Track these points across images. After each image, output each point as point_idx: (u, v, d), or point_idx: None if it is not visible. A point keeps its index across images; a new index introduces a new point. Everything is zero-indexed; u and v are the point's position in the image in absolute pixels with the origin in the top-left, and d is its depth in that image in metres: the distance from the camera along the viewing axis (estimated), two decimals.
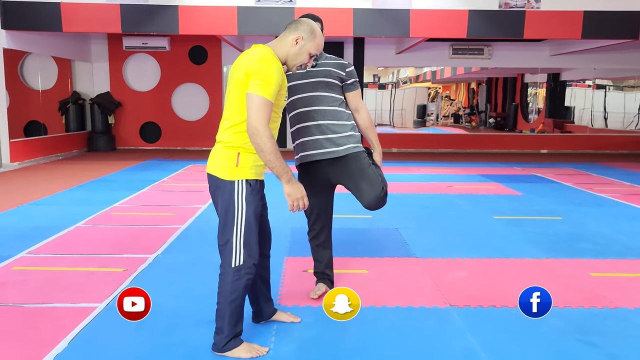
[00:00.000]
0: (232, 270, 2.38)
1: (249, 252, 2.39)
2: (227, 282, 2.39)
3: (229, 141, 2.36)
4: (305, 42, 2.41)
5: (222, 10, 8.63)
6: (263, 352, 2.47)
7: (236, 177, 2.36)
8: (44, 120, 11.37)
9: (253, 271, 2.42)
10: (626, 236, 4.72)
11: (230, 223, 2.37)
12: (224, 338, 2.42)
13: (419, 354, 2.52)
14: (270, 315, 2.81)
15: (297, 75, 2.90)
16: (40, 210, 5.55)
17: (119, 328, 2.76)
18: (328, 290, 3.13)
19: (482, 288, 3.40)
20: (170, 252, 4.11)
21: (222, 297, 2.40)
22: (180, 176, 8.02)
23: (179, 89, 12.29)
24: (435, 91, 25.30)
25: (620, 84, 19.11)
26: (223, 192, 2.38)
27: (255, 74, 2.26)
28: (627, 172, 9.00)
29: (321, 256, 3.17)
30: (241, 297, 2.41)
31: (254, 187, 2.40)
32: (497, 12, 8.74)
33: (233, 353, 2.43)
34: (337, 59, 3.02)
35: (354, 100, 3.05)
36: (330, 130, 2.89)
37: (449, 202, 6.18)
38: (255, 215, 2.40)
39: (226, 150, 2.37)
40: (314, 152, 2.91)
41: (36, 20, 8.63)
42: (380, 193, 2.89)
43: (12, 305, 3.05)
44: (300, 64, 2.46)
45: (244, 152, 2.36)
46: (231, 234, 2.37)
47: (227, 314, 2.40)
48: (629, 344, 2.64)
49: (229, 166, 2.36)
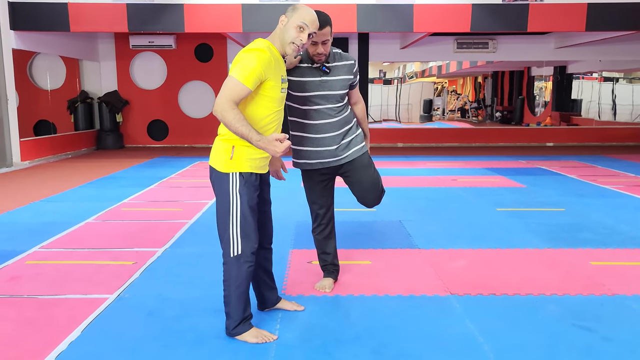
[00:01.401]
0: (233, 259, 2.50)
1: (247, 242, 2.50)
2: (229, 270, 2.52)
3: (225, 134, 2.47)
4: (288, 18, 2.49)
5: (227, 8, 8.72)
6: (271, 338, 2.57)
7: (230, 170, 2.46)
8: (53, 119, 11.54)
9: (252, 259, 2.53)
10: (628, 226, 4.77)
11: (227, 214, 2.49)
12: (233, 322, 2.55)
13: (419, 340, 2.60)
14: (274, 303, 2.92)
15: (313, 86, 2.87)
16: (51, 207, 5.68)
17: (130, 317, 2.86)
18: (333, 286, 3.25)
19: (483, 277, 3.47)
20: (179, 245, 4.22)
21: (227, 284, 2.54)
22: (187, 172, 8.14)
23: (186, 86, 12.41)
24: (441, 86, 25.29)
25: (629, 76, 19.01)
26: (219, 184, 2.50)
27: (236, 62, 2.40)
28: (632, 164, 9.01)
29: (329, 247, 3.24)
30: (245, 284, 2.53)
31: (248, 179, 2.49)
32: (501, 5, 8.76)
33: (242, 337, 2.56)
34: (344, 58, 2.98)
35: (355, 95, 3.13)
36: (343, 137, 2.98)
37: (453, 195, 6.24)
38: (250, 206, 2.50)
39: (222, 143, 2.48)
40: (328, 160, 2.98)
41: (44, 20, 8.76)
42: (379, 190, 3.05)
43: (27, 296, 3.16)
44: (291, 40, 2.47)
45: (239, 146, 2.46)
46: (227, 225, 2.49)
47: (234, 299, 2.52)
48: (625, 328, 2.71)
49: (224, 158, 2.47)
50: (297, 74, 2.87)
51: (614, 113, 17.86)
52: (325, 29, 2.72)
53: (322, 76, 2.87)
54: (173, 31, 9.01)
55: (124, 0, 8.65)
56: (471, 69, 18.31)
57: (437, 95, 23.91)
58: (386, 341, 2.58)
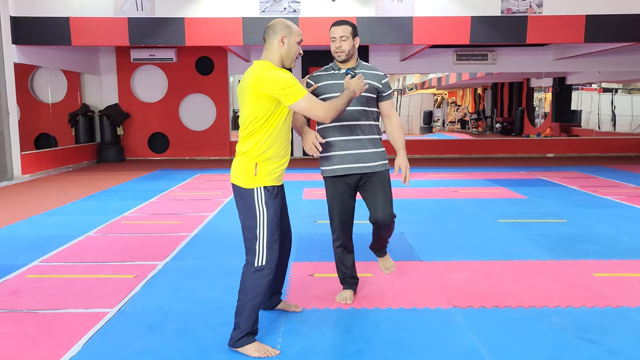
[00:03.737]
0: (254, 270, 2.57)
1: (271, 253, 2.59)
2: (249, 280, 2.58)
3: (245, 152, 2.59)
4: (288, 37, 2.63)
5: (227, 21, 8.78)
6: (273, 353, 2.57)
7: (255, 185, 2.58)
8: (54, 133, 11.56)
9: (273, 272, 2.60)
10: (630, 237, 4.76)
11: (254, 227, 2.58)
12: (240, 333, 2.57)
13: (423, 354, 2.58)
14: (275, 305, 3.03)
15: (339, 88, 2.96)
16: (52, 220, 5.67)
17: (131, 331, 2.84)
18: (354, 297, 3.27)
19: (485, 289, 3.45)
20: (180, 258, 4.20)
21: (244, 294, 2.59)
22: (188, 185, 8.13)
23: (186, 99, 12.45)
24: (441, 97, 25.38)
25: (628, 87, 19.08)
26: (244, 199, 2.61)
27: (276, 88, 2.49)
28: (632, 175, 9.00)
29: (349, 260, 3.24)
30: (261, 296, 2.58)
31: (272, 192, 2.61)
32: (500, 17, 8.82)
33: (244, 349, 2.56)
34: (372, 68, 3.12)
35: (387, 108, 3.17)
36: (368, 145, 3.03)
37: (454, 207, 6.23)
38: (275, 217, 2.60)
39: (245, 162, 2.60)
40: (352, 166, 3.01)
41: (46, 35, 8.81)
42: (391, 210, 3.06)
43: (28, 311, 3.14)
44: (296, 56, 2.69)
45: (261, 162, 2.57)
46: (254, 237, 2.58)
47: (247, 310, 2.56)
48: (630, 340, 2.69)
49: (248, 175, 2.58)
50: (324, 79, 3.05)
51: (613, 124, 17.90)
52: (342, 26, 2.97)
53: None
54: (174, 44, 9.06)
55: (126, 15, 8.71)
56: (471, 80, 18.37)
57: (437, 106, 23.98)
58: (389, 355, 2.56)
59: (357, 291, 3.37)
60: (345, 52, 2.99)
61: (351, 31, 2.98)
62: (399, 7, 8.78)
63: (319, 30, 8.08)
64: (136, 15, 8.72)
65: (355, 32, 3.01)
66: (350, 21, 3.04)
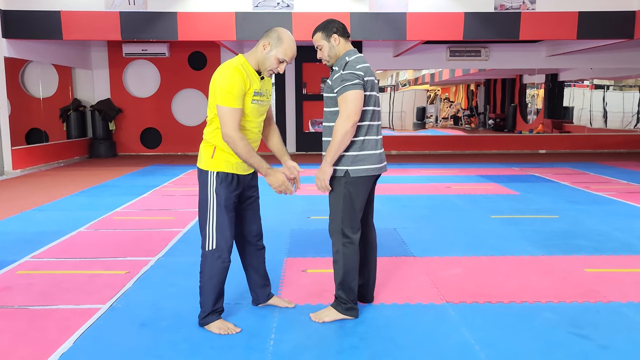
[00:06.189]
0: (208, 253, 2.69)
1: (222, 237, 2.66)
2: (204, 263, 2.71)
3: (209, 138, 2.67)
4: (271, 47, 2.62)
5: (220, 16, 8.73)
6: (234, 331, 2.73)
7: (210, 168, 2.65)
8: (45, 128, 11.47)
9: (226, 255, 2.68)
10: (622, 233, 4.78)
11: (205, 210, 2.68)
12: (203, 312, 2.75)
13: (415, 349, 2.58)
14: (265, 300, 3.05)
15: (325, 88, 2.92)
16: (43, 215, 5.63)
17: (123, 328, 2.83)
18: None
19: (478, 284, 3.46)
20: (172, 254, 4.18)
21: (202, 276, 2.73)
22: (180, 181, 8.10)
23: (179, 94, 12.38)
24: (434, 93, 25.39)
25: (620, 84, 19.18)
26: (200, 181, 2.70)
27: (216, 88, 2.54)
28: (624, 171, 9.06)
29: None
30: (217, 278, 2.69)
31: (225, 179, 2.65)
32: (493, 13, 8.82)
33: (209, 327, 2.75)
34: (350, 67, 2.85)
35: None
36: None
37: (447, 203, 6.25)
38: (226, 205, 2.65)
39: (206, 145, 2.69)
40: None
41: (37, 28, 8.72)
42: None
43: (18, 307, 3.12)
44: (270, 69, 2.64)
45: (219, 149, 2.65)
46: (205, 220, 2.68)
47: (206, 291, 2.72)
48: (621, 336, 2.71)
49: (206, 157, 2.67)
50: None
51: (605, 120, 17.99)
52: (314, 37, 2.88)
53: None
54: (166, 39, 8.99)
55: (117, 9, 8.64)
56: (464, 76, 18.40)
57: (430, 102, 24.00)
58: (382, 351, 2.56)
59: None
60: (327, 59, 2.87)
61: (322, 36, 2.84)
62: (392, 3, 8.76)
63: (312, 25, 7.96)
64: (128, 10, 8.65)
65: (328, 32, 2.83)
66: (320, 23, 2.89)
